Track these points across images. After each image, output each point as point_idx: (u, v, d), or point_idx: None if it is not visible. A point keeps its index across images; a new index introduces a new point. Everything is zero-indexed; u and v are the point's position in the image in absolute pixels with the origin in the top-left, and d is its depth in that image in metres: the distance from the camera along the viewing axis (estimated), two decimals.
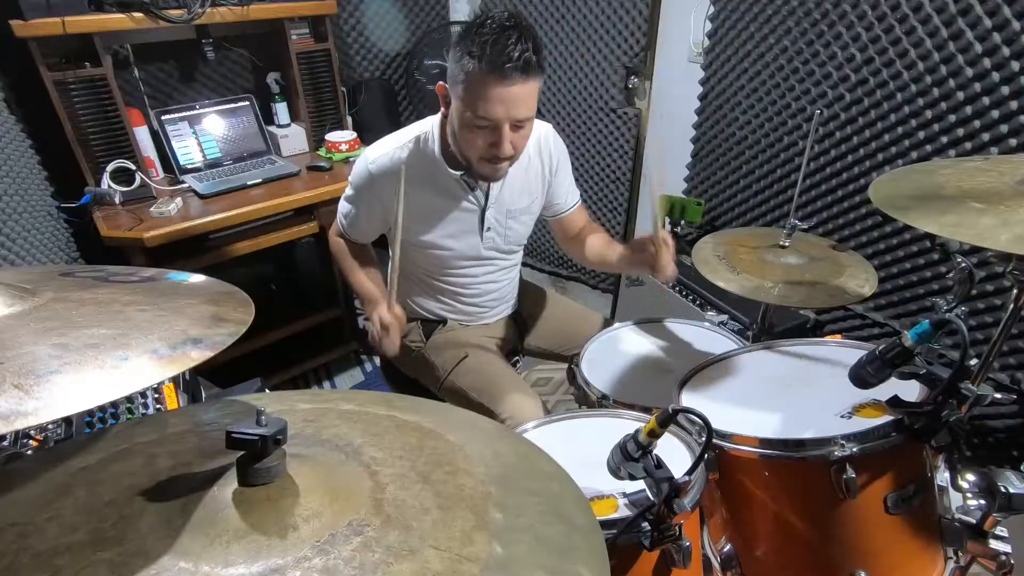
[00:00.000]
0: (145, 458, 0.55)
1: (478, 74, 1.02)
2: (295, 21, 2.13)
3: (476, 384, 1.35)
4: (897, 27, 1.53)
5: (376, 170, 1.24)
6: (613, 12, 2.23)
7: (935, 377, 0.78)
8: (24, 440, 0.93)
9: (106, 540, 0.44)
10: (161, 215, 1.82)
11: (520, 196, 1.34)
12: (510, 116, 1.06)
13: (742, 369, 1.07)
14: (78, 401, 0.41)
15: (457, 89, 1.07)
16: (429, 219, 1.29)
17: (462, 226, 1.31)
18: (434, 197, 1.27)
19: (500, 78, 1.01)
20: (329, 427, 0.60)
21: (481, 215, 1.31)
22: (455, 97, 1.09)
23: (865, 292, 1.16)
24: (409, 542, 0.44)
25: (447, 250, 1.33)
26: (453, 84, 1.09)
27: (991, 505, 0.83)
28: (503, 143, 1.09)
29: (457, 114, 1.10)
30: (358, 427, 0.60)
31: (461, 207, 1.29)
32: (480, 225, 1.32)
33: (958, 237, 0.76)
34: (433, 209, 1.28)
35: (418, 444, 0.57)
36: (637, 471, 0.73)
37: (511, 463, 0.57)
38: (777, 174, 1.96)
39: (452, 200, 1.28)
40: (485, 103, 1.04)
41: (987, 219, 0.76)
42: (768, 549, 0.94)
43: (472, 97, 1.05)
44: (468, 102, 1.06)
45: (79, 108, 1.79)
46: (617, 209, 2.59)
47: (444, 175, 1.24)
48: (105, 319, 0.50)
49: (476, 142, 1.11)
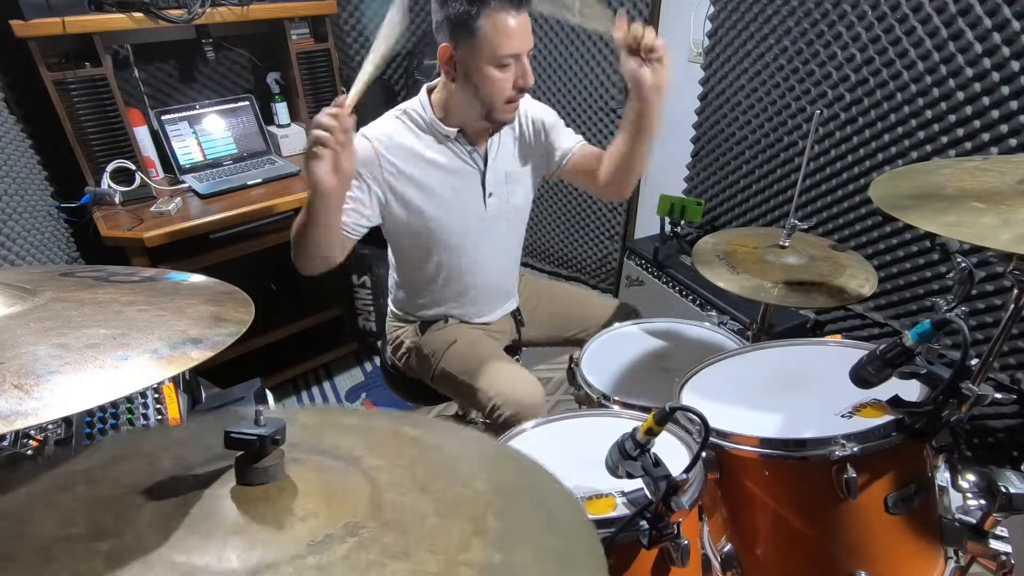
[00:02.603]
0: (147, 461, 0.55)
1: (495, 14, 1.08)
2: (295, 21, 2.13)
3: (466, 366, 1.34)
4: (897, 27, 1.53)
5: (372, 137, 1.24)
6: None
7: (936, 377, 0.78)
8: (24, 440, 0.93)
9: (104, 533, 0.44)
10: (161, 215, 1.82)
11: (515, 160, 1.38)
12: (526, 46, 1.15)
13: (742, 369, 1.07)
14: (78, 401, 0.41)
15: (472, 41, 1.11)
16: (432, 192, 1.28)
17: (465, 195, 1.31)
18: (435, 170, 1.27)
19: (515, 12, 1.10)
20: (329, 438, 0.60)
21: (482, 179, 1.32)
22: (469, 50, 1.12)
23: (865, 292, 1.16)
24: (405, 544, 0.44)
25: (451, 223, 1.31)
26: (463, 39, 1.11)
27: (991, 505, 0.83)
28: (528, 72, 1.17)
29: (476, 66, 1.14)
30: (358, 439, 0.60)
31: (463, 173, 1.30)
32: (483, 191, 1.33)
33: (959, 237, 0.76)
34: (436, 181, 1.27)
35: (418, 456, 0.58)
36: (635, 469, 0.73)
37: (511, 478, 0.57)
38: (777, 174, 1.96)
39: (453, 166, 1.29)
40: (508, 39, 1.11)
41: (988, 219, 0.76)
42: (768, 549, 0.94)
43: (494, 39, 1.10)
44: (492, 46, 1.11)
45: (79, 108, 1.79)
46: (617, 209, 2.59)
47: (442, 138, 1.26)
48: (105, 319, 0.50)
49: (504, 84, 1.16)
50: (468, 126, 1.27)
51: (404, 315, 1.49)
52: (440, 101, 1.26)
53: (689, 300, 2.00)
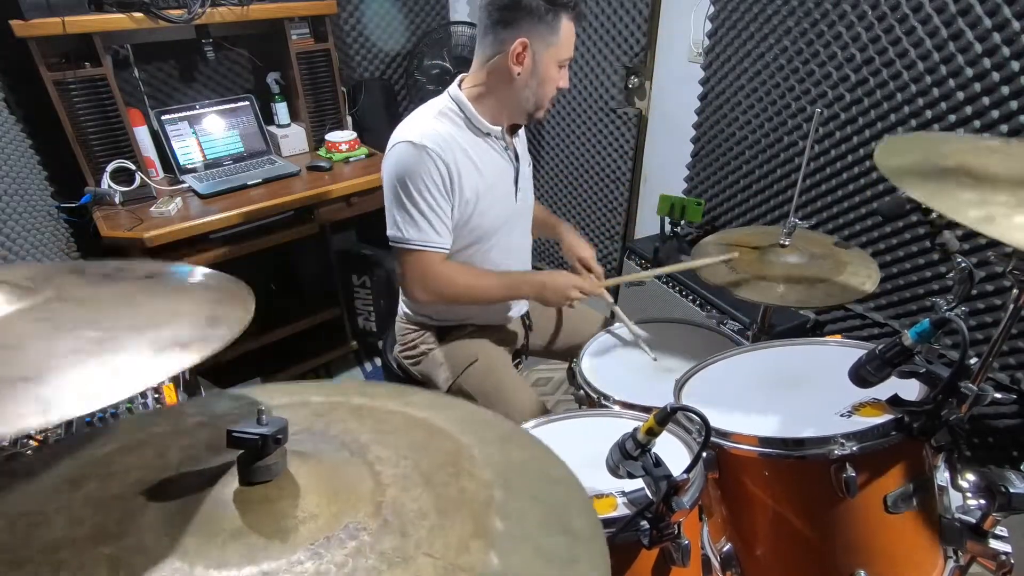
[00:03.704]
0: (157, 450, 0.56)
1: (569, 22, 1.18)
2: (295, 21, 2.13)
3: (484, 389, 1.36)
4: (897, 27, 1.53)
5: (430, 143, 1.18)
6: (613, 12, 2.24)
7: (935, 376, 0.78)
8: (24, 440, 0.93)
9: (108, 535, 0.45)
10: (161, 215, 1.82)
11: (526, 159, 1.44)
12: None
13: (742, 369, 1.07)
14: (78, 405, 0.40)
15: (551, 39, 1.18)
16: (479, 189, 1.27)
17: (503, 190, 1.34)
18: (483, 166, 1.28)
19: (577, 26, 1.21)
20: (338, 422, 0.60)
21: (515, 175, 1.36)
22: (545, 47, 1.19)
23: (867, 289, 1.16)
24: (404, 549, 0.44)
25: (492, 219, 1.32)
26: (543, 36, 1.17)
27: (991, 505, 0.83)
28: (567, 76, 1.27)
29: (545, 63, 1.20)
30: (368, 423, 0.60)
31: (503, 169, 1.33)
32: (515, 187, 1.37)
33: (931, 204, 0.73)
34: (482, 177, 1.27)
35: (425, 442, 0.57)
36: (636, 469, 0.73)
37: (520, 466, 0.57)
38: (777, 174, 1.96)
39: (495, 162, 1.31)
40: (570, 45, 1.22)
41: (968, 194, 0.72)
42: (768, 548, 0.94)
43: (565, 43, 1.20)
44: (561, 48, 1.20)
45: (79, 108, 1.79)
46: (617, 209, 2.59)
47: (482, 134, 1.28)
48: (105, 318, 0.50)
49: (556, 83, 1.24)
50: (505, 123, 1.30)
51: (419, 319, 1.46)
52: (478, 96, 1.25)
53: (689, 300, 2.00)
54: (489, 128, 1.27)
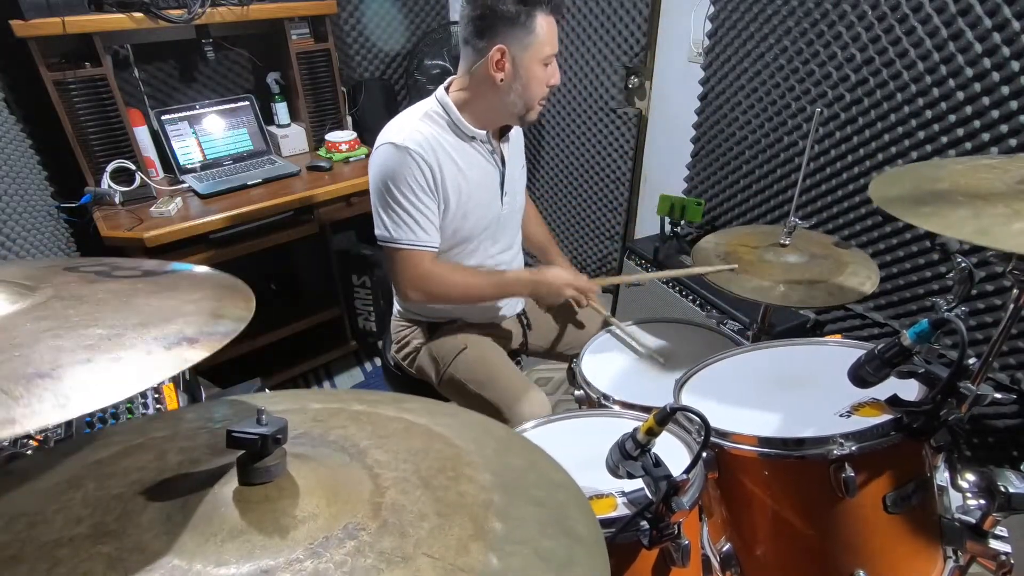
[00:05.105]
0: (156, 453, 0.56)
1: (546, 18, 1.17)
2: (295, 21, 2.13)
3: (475, 376, 1.35)
4: (897, 27, 1.53)
5: (412, 144, 1.19)
6: (613, 12, 2.24)
7: (934, 376, 0.78)
8: (24, 440, 0.93)
9: (107, 534, 0.45)
10: (161, 215, 1.82)
11: (517, 162, 1.42)
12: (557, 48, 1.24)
13: (742, 369, 1.07)
14: (93, 400, 0.40)
15: (528, 39, 1.17)
16: (463, 192, 1.28)
17: (488, 194, 1.34)
18: (467, 170, 1.27)
19: (556, 18, 1.20)
20: (337, 427, 0.60)
21: (502, 179, 1.35)
22: (523, 49, 1.18)
23: (866, 289, 1.16)
24: (403, 549, 0.44)
25: (476, 221, 1.32)
26: (518, 38, 1.17)
27: (991, 505, 0.83)
28: (557, 72, 1.25)
29: (527, 65, 1.20)
30: (366, 428, 0.60)
31: (488, 173, 1.32)
32: (501, 190, 1.36)
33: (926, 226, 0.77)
34: (466, 180, 1.28)
35: (424, 448, 0.57)
36: (635, 469, 0.73)
37: (518, 470, 0.57)
38: (777, 174, 1.96)
39: (480, 165, 1.30)
40: (552, 39, 1.20)
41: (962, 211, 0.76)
42: (767, 548, 0.94)
43: (545, 40, 1.19)
44: (541, 46, 1.19)
45: (79, 108, 1.80)
46: (617, 209, 2.59)
47: (467, 138, 1.27)
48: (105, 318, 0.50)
49: (544, 82, 1.23)
50: (493, 127, 1.30)
51: (411, 315, 1.48)
52: (464, 101, 1.26)
53: (689, 300, 2.00)
54: (474, 132, 1.27)
